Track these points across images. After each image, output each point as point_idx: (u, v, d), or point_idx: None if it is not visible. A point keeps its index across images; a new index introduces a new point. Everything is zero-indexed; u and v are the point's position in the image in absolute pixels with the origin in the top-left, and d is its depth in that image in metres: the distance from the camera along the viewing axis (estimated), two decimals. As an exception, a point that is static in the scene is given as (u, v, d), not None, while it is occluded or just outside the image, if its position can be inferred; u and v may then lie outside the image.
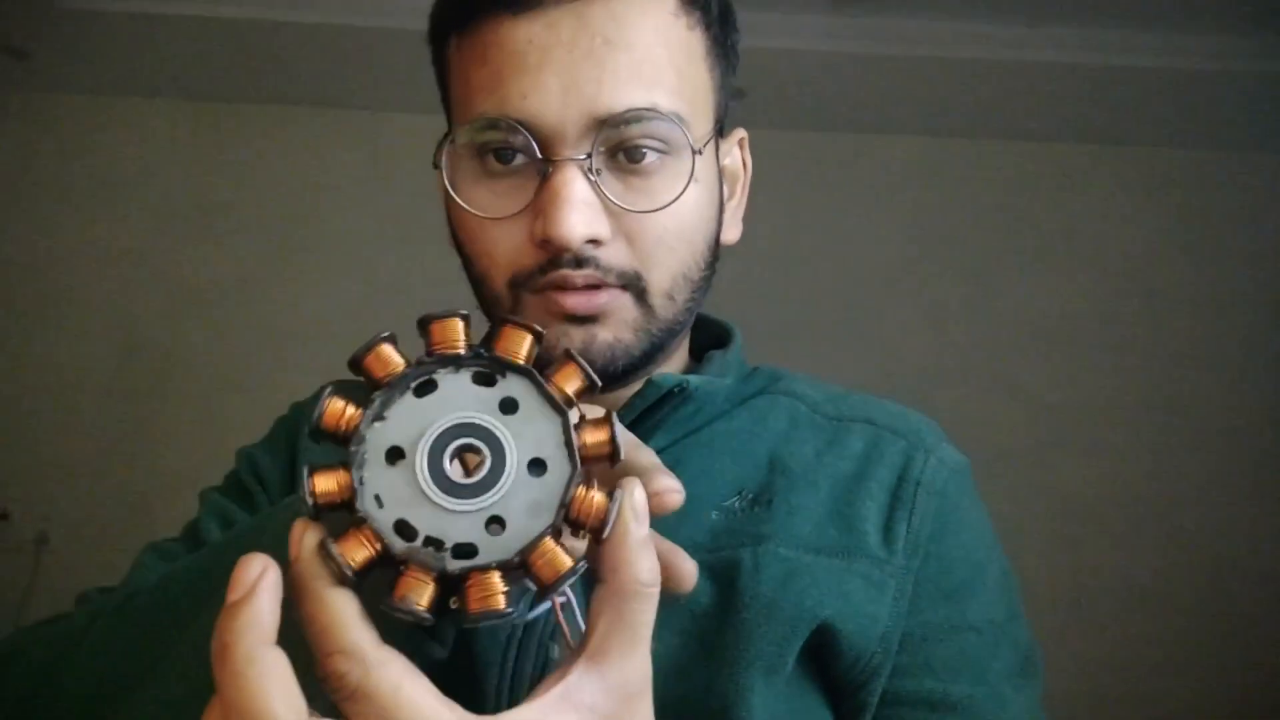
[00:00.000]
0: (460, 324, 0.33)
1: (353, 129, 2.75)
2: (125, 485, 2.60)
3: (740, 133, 0.68)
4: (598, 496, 0.31)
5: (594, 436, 0.32)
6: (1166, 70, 2.31)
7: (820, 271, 2.70)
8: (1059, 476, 2.64)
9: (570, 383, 0.33)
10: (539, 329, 0.33)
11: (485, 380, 0.32)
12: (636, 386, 0.60)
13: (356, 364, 0.32)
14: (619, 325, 0.57)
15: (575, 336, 0.57)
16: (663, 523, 0.35)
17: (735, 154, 0.68)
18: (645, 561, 0.31)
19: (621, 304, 0.57)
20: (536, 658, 0.55)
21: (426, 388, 0.32)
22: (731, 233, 0.67)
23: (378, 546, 0.30)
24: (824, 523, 0.59)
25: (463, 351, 0.32)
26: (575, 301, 0.56)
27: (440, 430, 0.31)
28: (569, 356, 0.33)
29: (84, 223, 2.72)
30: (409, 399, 0.32)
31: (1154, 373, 2.70)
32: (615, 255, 0.56)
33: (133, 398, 2.65)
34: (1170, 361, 2.70)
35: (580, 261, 0.55)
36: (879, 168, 2.77)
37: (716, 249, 0.63)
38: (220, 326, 2.68)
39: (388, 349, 0.32)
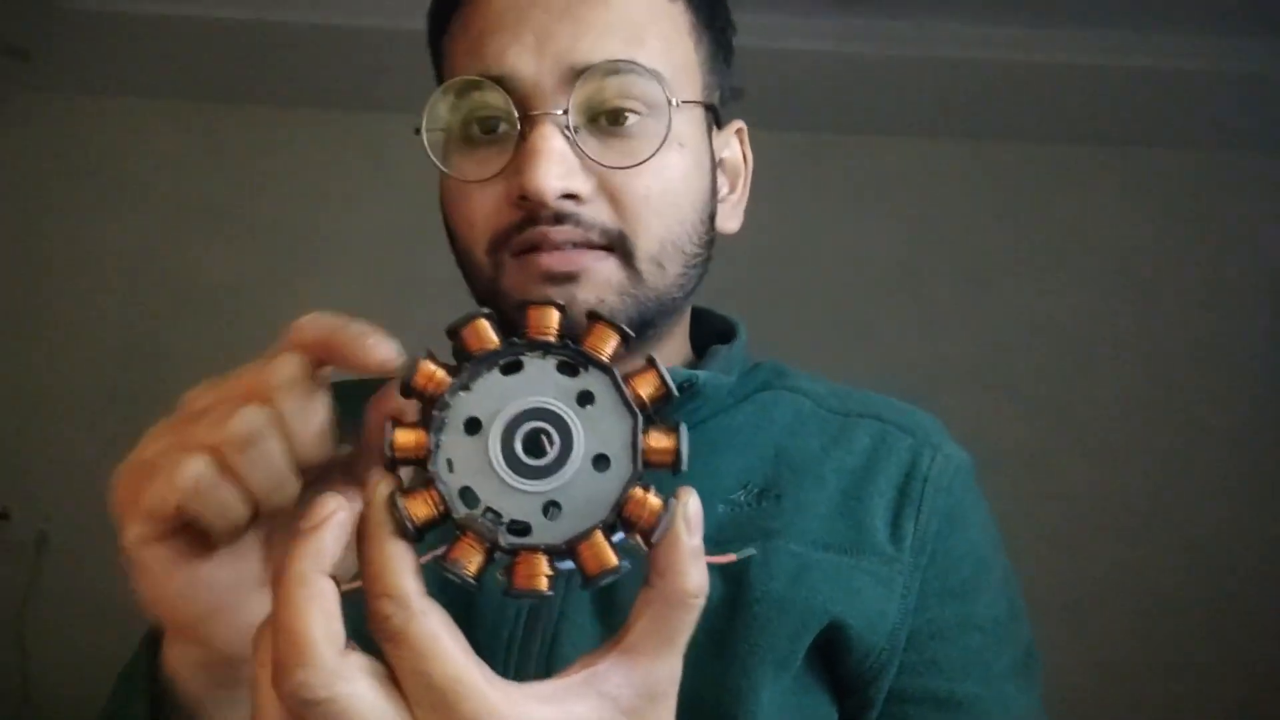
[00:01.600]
0: (556, 314, 0.34)
1: (354, 129, 2.75)
2: (126, 485, 2.60)
3: (738, 124, 0.68)
4: (653, 500, 0.32)
5: (659, 443, 0.33)
6: (1166, 70, 2.31)
7: (819, 272, 2.70)
8: (1059, 477, 2.64)
9: (647, 388, 0.34)
10: (629, 332, 0.34)
11: (569, 370, 0.34)
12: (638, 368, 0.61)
13: (454, 334, 0.34)
14: (601, 286, 0.56)
15: (555, 296, 0.56)
16: None
17: (734, 146, 0.67)
18: (693, 571, 0.32)
19: (605, 266, 0.56)
20: (542, 641, 0.56)
21: (513, 368, 0.33)
22: (731, 223, 0.66)
23: (441, 508, 0.32)
24: (832, 519, 0.59)
25: (553, 340, 0.34)
26: (551, 260, 0.55)
27: (518, 411, 0.32)
28: (651, 364, 0.34)
29: (85, 223, 2.72)
30: (495, 375, 0.33)
31: (1154, 373, 2.70)
32: (597, 213, 0.56)
33: (134, 398, 2.65)
34: (1170, 362, 2.70)
35: (559, 218, 0.54)
36: (879, 168, 2.77)
37: (711, 229, 0.63)
38: (222, 327, 2.68)
39: (485, 325, 0.34)
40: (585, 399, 0.33)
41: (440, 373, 0.33)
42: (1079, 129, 2.67)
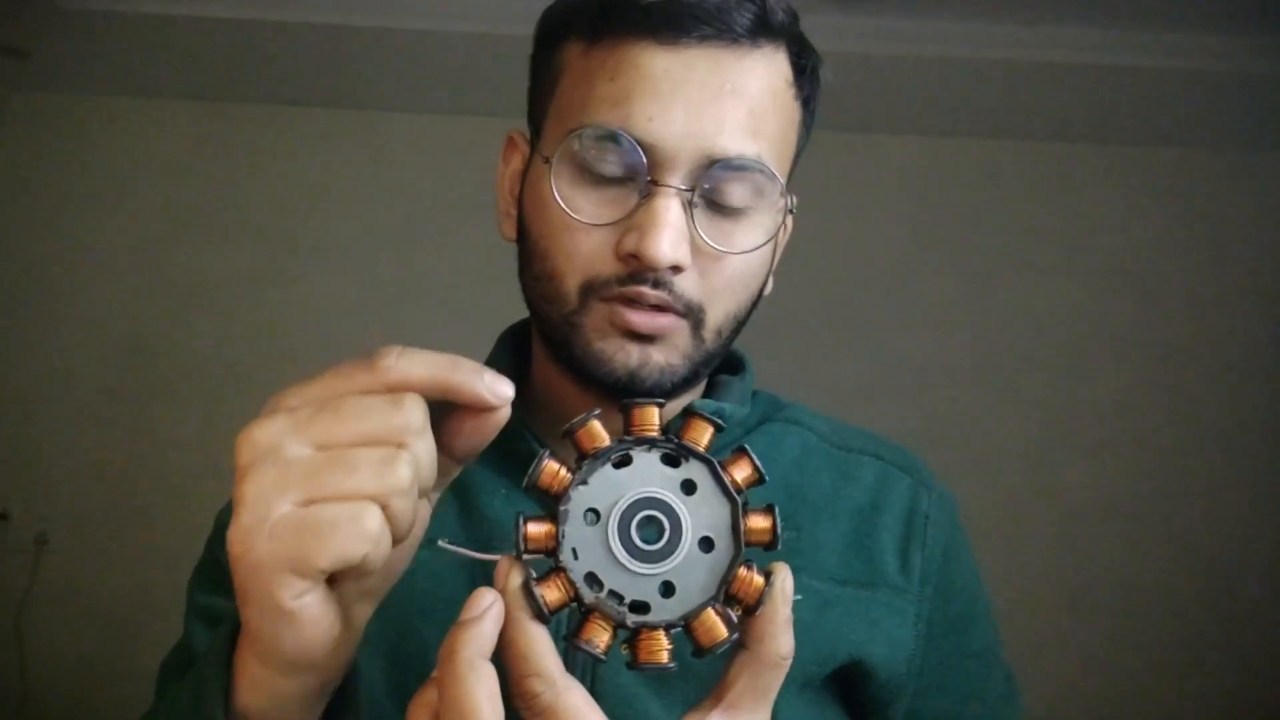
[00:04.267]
0: (657, 411, 0.38)
1: (353, 129, 2.75)
2: (125, 485, 2.60)
3: (792, 199, 0.73)
4: (757, 579, 0.36)
5: (758, 523, 0.37)
6: (1166, 70, 2.31)
7: (820, 271, 2.70)
8: (1059, 476, 2.64)
9: (742, 473, 0.38)
10: (720, 423, 0.39)
11: (671, 462, 0.38)
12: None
13: (570, 435, 0.37)
14: (672, 350, 0.60)
15: (632, 353, 0.59)
16: None
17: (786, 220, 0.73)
18: (786, 638, 0.36)
19: (680, 332, 0.60)
20: (581, 680, 0.58)
21: (624, 462, 0.37)
22: (769, 284, 0.71)
23: (571, 593, 0.36)
24: (847, 555, 0.64)
25: (656, 435, 0.38)
26: (640, 319, 0.58)
27: (631, 500, 0.36)
28: (744, 451, 0.38)
29: (84, 223, 2.72)
30: (608, 470, 0.37)
31: (1154, 373, 2.70)
32: (688, 285, 0.59)
33: (133, 397, 2.65)
34: (1170, 362, 2.70)
35: (657, 283, 0.58)
36: (879, 168, 2.77)
37: (760, 296, 0.68)
38: (221, 326, 2.69)
39: (597, 426, 0.38)
40: (688, 487, 0.37)
41: (563, 471, 0.37)
42: (1079, 129, 2.67)
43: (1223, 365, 2.70)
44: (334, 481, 0.36)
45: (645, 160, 0.57)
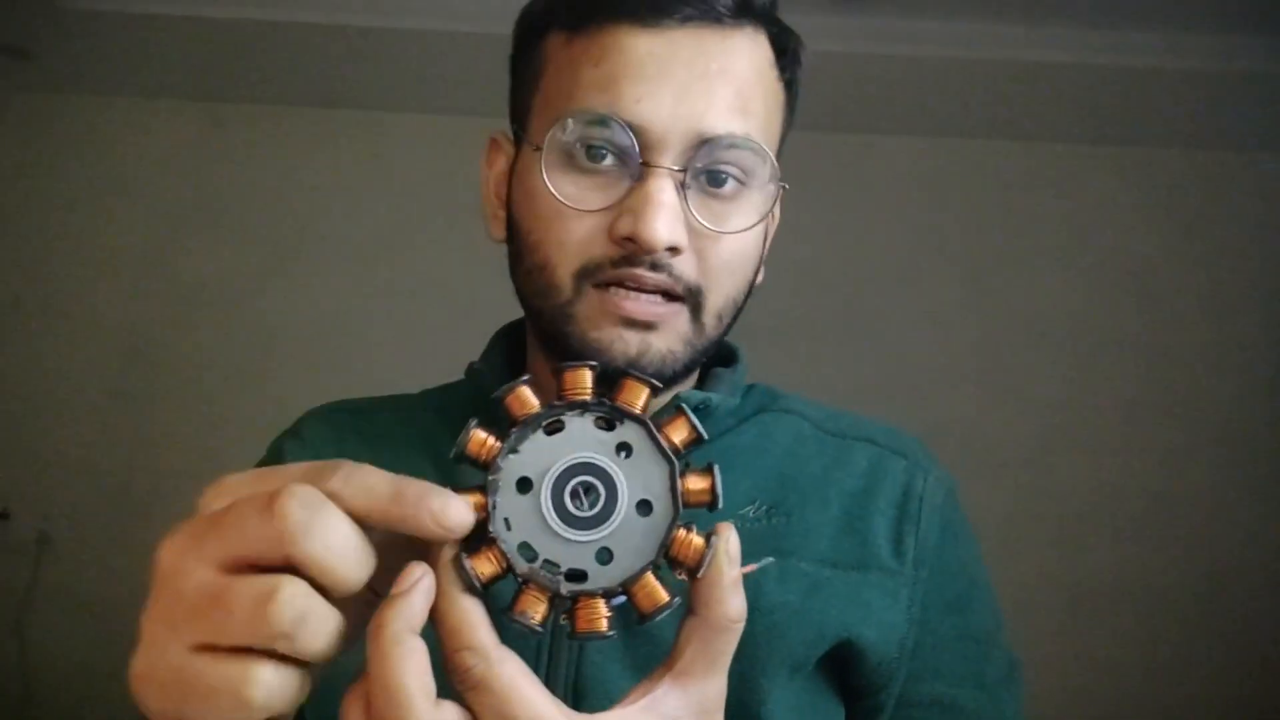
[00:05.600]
0: (589, 374, 0.37)
1: (353, 129, 2.75)
2: (126, 485, 2.60)
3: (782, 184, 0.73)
4: (696, 539, 0.35)
5: (696, 484, 0.36)
6: (1166, 70, 2.31)
7: (820, 271, 2.70)
8: (1059, 476, 2.64)
9: (679, 434, 0.37)
10: (656, 384, 0.37)
11: (606, 425, 0.36)
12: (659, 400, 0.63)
13: (498, 402, 0.36)
14: (672, 337, 0.60)
15: (630, 341, 0.59)
16: None
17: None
18: (734, 600, 0.35)
19: (680, 317, 0.60)
20: (567, 668, 0.58)
21: (555, 427, 0.36)
22: (760, 274, 0.70)
23: (504, 564, 0.34)
24: (838, 538, 0.63)
25: (589, 398, 0.36)
26: (635, 307, 0.58)
27: (564, 467, 0.35)
28: (680, 411, 0.37)
29: (85, 223, 2.72)
30: (540, 436, 0.36)
31: (1154, 373, 2.70)
32: (686, 267, 0.59)
33: (133, 397, 2.65)
34: (1170, 362, 2.70)
35: (655, 266, 0.57)
36: (879, 168, 2.77)
37: (753, 286, 0.67)
38: (221, 326, 2.69)
39: (526, 391, 0.36)
40: (624, 450, 0.36)
41: (491, 439, 0.36)
42: (1079, 129, 2.67)
43: (1223, 365, 2.70)
44: (215, 625, 0.32)
45: (636, 142, 0.56)
